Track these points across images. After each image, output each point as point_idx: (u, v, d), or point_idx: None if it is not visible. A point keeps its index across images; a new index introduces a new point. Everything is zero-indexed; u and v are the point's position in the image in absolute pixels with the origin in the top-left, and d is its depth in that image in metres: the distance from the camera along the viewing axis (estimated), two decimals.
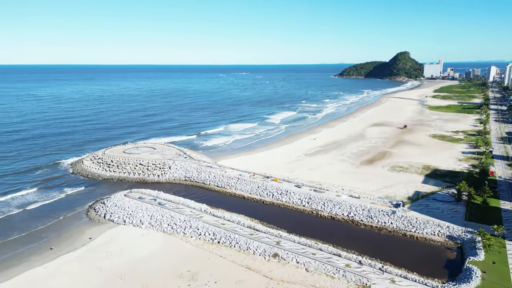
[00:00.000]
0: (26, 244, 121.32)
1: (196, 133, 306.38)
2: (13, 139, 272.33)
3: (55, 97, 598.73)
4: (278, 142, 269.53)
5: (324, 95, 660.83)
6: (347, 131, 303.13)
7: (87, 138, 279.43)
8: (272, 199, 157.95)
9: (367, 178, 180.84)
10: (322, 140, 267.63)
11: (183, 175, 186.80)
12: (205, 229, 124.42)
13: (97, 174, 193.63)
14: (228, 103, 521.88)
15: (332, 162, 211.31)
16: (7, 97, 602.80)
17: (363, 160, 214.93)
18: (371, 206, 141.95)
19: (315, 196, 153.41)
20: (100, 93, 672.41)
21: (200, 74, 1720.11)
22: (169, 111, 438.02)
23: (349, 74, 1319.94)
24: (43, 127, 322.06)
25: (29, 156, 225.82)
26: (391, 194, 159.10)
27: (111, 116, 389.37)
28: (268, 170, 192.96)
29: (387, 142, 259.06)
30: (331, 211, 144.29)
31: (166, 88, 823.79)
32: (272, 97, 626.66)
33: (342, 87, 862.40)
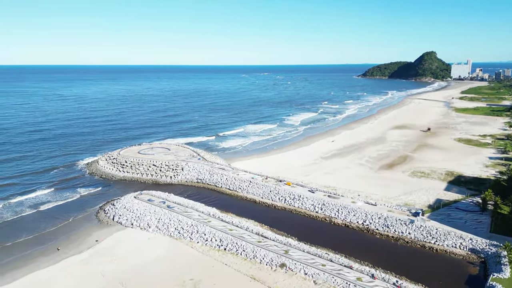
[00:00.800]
0: (34, 246, 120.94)
1: (214, 134, 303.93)
2: (34, 138, 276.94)
3: (79, 97, 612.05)
4: (295, 144, 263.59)
5: (346, 96, 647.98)
6: (367, 133, 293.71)
7: (106, 138, 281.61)
8: (284, 204, 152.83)
9: (385, 184, 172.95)
10: (340, 143, 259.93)
11: (195, 177, 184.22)
12: (212, 235, 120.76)
13: (110, 175, 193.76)
14: (248, 104, 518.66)
15: (350, 166, 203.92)
16: (34, 96, 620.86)
17: (382, 164, 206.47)
18: (388, 214, 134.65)
19: (329, 202, 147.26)
20: (123, 93, 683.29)
21: (221, 74, 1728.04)
22: (189, 111, 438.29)
23: (373, 74, 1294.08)
24: (65, 127, 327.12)
25: (48, 156, 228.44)
26: (410, 201, 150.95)
27: (131, 117, 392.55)
28: (282, 173, 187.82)
29: (408, 146, 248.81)
30: (345, 219, 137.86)
31: (187, 88, 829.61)
32: (292, 97, 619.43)
33: (365, 87, 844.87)
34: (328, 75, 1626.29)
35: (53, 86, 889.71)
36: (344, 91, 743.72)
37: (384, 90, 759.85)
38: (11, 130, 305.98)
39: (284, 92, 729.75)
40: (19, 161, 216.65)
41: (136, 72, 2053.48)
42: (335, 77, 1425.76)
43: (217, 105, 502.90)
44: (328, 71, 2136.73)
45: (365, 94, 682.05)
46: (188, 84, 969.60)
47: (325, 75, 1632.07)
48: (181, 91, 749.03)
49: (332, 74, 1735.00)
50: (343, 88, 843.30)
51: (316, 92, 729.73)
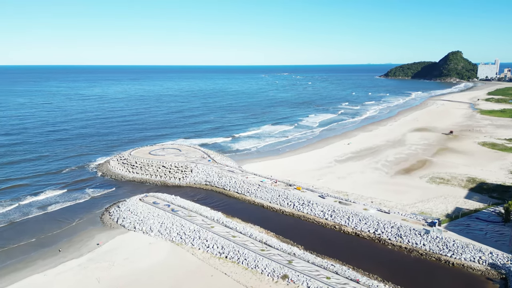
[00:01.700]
0: (36, 248, 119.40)
1: (229, 135, 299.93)
2: (52, 139, 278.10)
3: (100, 96, 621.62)
4: (309, 146, 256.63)
5: (367, 97, 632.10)
6: (385, 136, 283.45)
7: (121, 139, 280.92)
8: (292, 210, 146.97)
9: (401, 190, 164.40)
10: (357, 146, 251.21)
11: (203, 179, 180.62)
12: (214, 241, 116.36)
13: (120, 175, 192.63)
14: (266, 105, 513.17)
15: (364, 170, 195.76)
16: (57, 96, 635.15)
17: (399, 169, 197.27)
18: (402, 223, 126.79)
19: (340, 208, 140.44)
20: (142, 93, 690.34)
21: (241, 74, 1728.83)
22: (206, 112, 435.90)
23: (395, 74, 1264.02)
24: (82, 127, 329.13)
25: (63, 157, 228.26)
26: (426, 210, 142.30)
27: (148, 117, 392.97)
28: (293, 177, 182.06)
29: (428, 150, 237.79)
30: (356, 227, 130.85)
31: (206, 88, 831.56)
32: (311, 98, 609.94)
33: (387, 88, 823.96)
34: (349, 75, 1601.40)
35: (77, 85, 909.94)
36: (365, 92, 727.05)
37: (406, 91, 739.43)
38: (31, 130, 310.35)
39: (303, 93, 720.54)
40: (35, 161, 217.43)
41: (157, 72, 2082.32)
42: (356, 77, 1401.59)
43: (235, 106, 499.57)
44: (349, 71, 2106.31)
45: (387, 95, 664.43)
46: (207, 85, 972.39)
47: (346, 75, 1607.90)
48: (199, 91, 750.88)
49: (353, 74, 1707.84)
50: (364, 88, 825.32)
51: (336, 93, 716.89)
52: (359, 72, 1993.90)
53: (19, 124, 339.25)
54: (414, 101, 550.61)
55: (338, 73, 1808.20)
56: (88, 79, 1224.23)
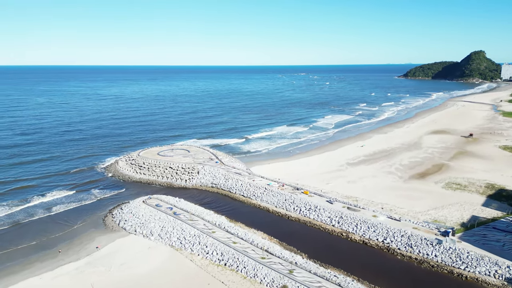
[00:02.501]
0: (37, 250, 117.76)
1: (241, 136, 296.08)
2: (65, 139, 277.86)
3: (117, 96, 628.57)
4: (321, 148, 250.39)
5: (385, 97, 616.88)
6: (400, 138, 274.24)
7: (134, 140, 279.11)
8: (298, 215, 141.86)
9: (414, 196, 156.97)
10: (370, 148, 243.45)
11: (210, 181, 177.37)
12: (213, 247, 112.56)
13: (127, 176, 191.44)
14: (280, 105, 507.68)
15: (377, 174, 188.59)
16: (76, 95, 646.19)
17: (414, 173, 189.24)
18: (413, 232, 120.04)
19: (348, 215, 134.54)
20: (158, 93, 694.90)
21: (258, 75, 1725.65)
22: (220, 113, 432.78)
23: (415, 75, 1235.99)
24: (97, 127, 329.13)
25: (73, 157, 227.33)
26: (440, 217, 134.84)
27: (162, 118, 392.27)
28: (301, 180, 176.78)
29: (446, 153, 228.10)
30: (364, 235, 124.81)
31: (221, 89, 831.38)
32: (328, 99, 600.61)
33: (406, 89, 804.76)
34: (368, 75, 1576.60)
35: (96, 85, 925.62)
36: (384, 93, 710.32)
37: (426, 91, 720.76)
38: (46, 130, 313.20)
39: (320, 93, 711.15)
40: (46, 161, 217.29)
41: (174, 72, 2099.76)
42: (375, 77, 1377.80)
43: (249, 107, 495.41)
44: (367, 71, 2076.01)
45: (406, 95, 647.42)
46: (223, 85, 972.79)
47: (365, 75, 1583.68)
48: (215, 91, 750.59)
49: (371, 74, 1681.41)
50: (383, 89, 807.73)
51: (354, 93, 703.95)
52: (378, 72, 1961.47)
53: (36, 123, 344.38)
54: (434, 102, 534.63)
55: (357, 73, 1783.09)
56: (107, 79, 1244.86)
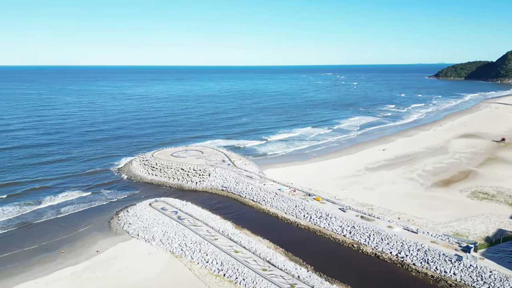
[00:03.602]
0: (40, 253, 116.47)
1: (259, 138, 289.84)
2: (86, 139, 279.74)
3: (142, 96, 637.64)
4: (340, 151, 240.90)
5: (415, 99, 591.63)
6: (426, 142, 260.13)
7: (152, 141, 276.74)
8: (308, 223, 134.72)
9: (435, 205, 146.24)
10: (392, 152, 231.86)
11: (220, 185, 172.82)
12: (214, 256, 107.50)
13: (139, 177, 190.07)
14: (304, 106, 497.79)
15: (397, 180, 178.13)
16: (103, 95, 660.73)
17: (437, 180, 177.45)
18: (430, 246, 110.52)
19: (361, 224, 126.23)
20: (183, 93, 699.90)
21: (283, 75, 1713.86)
22: (241, 114, 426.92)
23: (446, 75, 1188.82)
24: (118, 127, 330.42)
25: (90, 158, 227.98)
26: (462, 230, 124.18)
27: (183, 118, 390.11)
28: (315, 185, 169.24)
29: (474, 159, 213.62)
30: (376, 247, 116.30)
31: (245, 89, 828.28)
32: (354, 100, 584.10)
33: (438, 89, 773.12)
34: (397, 75, 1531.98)
35: (123, 85, 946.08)
36: (414, 94, 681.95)
37: (459, 92, 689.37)
38: (69, 130, 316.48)
39: (346, 94, 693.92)
40: (63, 162, 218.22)
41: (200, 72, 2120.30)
42: (405, 77, 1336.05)
43: (271, 108, 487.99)
44: (397, 71, 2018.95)
45: (439, 96, 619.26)
46: (247, 85, 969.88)
47: (394, 75, 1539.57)
48: (238, 92, 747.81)
49: (401, 74, 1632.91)
50: (413, 90, 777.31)
51: (382, 94, 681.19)
52: (408, 72, 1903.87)
53: (60, 123, 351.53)
54: (466, 104, 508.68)
55: (386, 74, 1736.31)
56: (134, 79, 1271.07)
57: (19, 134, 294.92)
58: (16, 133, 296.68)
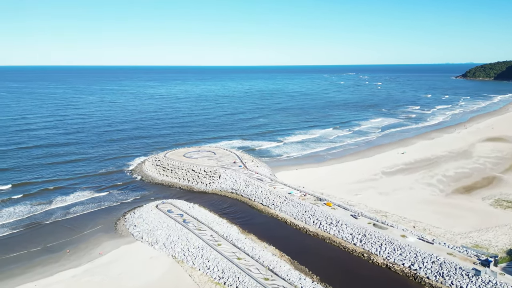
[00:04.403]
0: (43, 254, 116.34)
1: (275, 140, 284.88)
2: (103, 139, 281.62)
3: (162, 96, 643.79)
4: (357, 154, 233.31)
5: (441, 100, 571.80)
6: (448, 145, 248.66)
7: (168, 141, 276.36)
8: (317, 229, 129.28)
9: (454, 214, 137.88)
10: (412, 155, 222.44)
11: (230, 187, 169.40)
12: (215, 263, 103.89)
13: (151, 177, 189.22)
14: (324, 107, 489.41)
15: (414, 186, 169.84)
16: (125, 94, 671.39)
17: (458, 186, 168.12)
18: (447, 259, 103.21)
19: (373, 233, 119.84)
20: (203, 93, 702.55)
21: (305, 74, 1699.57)
22: (259, 114, 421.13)
23: (474, 75, 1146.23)
24: (136, 127, 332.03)
25: (105, 158, 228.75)
26: (483, 242, 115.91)
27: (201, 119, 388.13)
28: (328, 189, 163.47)
29: (500, 164, 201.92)
30: (388, 258, 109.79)
31: (265, 89, 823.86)
32: (376, 101, 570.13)
33: (466, 90, 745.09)
34: (423, 75, 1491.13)
35: (145, 84, 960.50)
36: (439, 95, 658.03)
37: (488, 93, 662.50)
38: (87, 129, 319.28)
39: (368, 95, 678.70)
40: (78, 162, 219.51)
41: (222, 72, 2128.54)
42: (431, 78, 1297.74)
43: (291, 108, 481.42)
44: (423, 71, 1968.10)
45: (466, 97, 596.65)
46: (268, 85, 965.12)
47: (420, 75, 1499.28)
48: (258, 92, 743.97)
49: (427, 74, 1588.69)
50: (439, 90, 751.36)
51: (406, 95, 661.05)
52: (434, 72, 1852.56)
53: (80, 122, 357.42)
54: (496, 106, 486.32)
55: (411, 74, 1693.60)
56: (156, 79, 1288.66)
57: (39, 133, 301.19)
58: (37, 132, 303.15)
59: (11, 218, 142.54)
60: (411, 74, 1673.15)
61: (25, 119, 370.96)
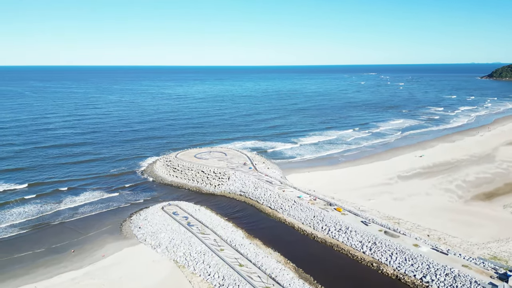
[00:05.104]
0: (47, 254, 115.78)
1: (289, 141, 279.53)
2: (118, 140, 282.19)
3: (180, 96, 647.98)
4: (372, 157, 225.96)
5: (465, 101, 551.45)
6: (470, 148, 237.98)
7: (182, 141, 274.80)
8: (325, 236, 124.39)
9: (473, 222, 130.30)
10: (430, 159, 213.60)
11: (239, 189, 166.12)
12: (216, 269, 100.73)
13: (161, 178, 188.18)
14: (341, 107, 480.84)
15: (431, 191, 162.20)
16: (144, 94, 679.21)
17: (479, 192, 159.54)
18: (461, 271, 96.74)
19: (384, 241, 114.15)
20: (220, 93, 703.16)
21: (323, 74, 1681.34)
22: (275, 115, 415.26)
23: (501, 75, 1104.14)
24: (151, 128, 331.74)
25: (118, 158, 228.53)
26: (502, 254, 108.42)
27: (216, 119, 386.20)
28: (339, 193, 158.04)
29: None
30: (399, 268, 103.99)
31: (283, 89, 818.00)
32: (396, 101, 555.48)
33: (492, 91, 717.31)
34: (446, 75, 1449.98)
35: (165, 84, 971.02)
36: (464, 95, 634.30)
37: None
38: (104, 129, 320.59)
39: (389, 95, 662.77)
40: (91, 162, 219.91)
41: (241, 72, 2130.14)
42: (455, 78, 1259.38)
43: (308, 109, 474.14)
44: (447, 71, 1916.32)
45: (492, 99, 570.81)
46: (286, 85, 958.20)
47: (443, 75, 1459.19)
48: (275, 92, 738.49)
49: (451, 74, 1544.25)
50: (463, 91, 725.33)
51: (429, 96, 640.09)
52: (458, 72, 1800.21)
53: (97, 122, 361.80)
54: None
55: (435, 74, 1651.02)
56: (175, 79, 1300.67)
57: (57, 132, 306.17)
58: (54, 132, 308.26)
59: (21, 218, 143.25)
60: (435, 74, 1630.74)
61: (45, 118, 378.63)
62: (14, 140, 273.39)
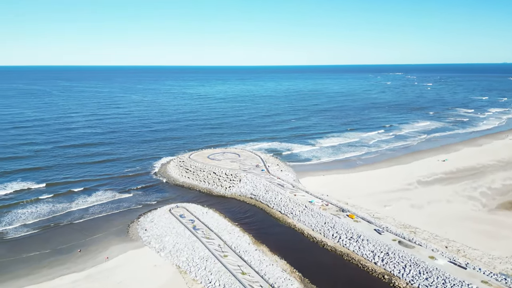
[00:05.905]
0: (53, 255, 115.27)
1: (306, 143, 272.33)
2: (135, 140, 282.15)
3: (200, 96, 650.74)
4: (391, 160, 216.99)
5: (496, 102, 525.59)
6: (498, 153, 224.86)
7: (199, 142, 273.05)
8: (335, 244, 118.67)
9: (497, 234, 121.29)
10: (454, 163, 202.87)
11: (249, 192, 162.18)
12: (217, 277, 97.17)
13: (173, 179, 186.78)
14: (364, 108, 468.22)
15: (453, 198, 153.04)
16: (166, 94, 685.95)
17: (505, 201, 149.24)
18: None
19: (397, 251, 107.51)
20: (241, 93, 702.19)
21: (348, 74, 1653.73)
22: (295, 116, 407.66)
23: None
24: (170, 128, 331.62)
25: (134, 159, 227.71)
26: None
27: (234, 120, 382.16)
28: (353, 199, 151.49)
29: None
30: (412, 282, 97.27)
31: (304, 89, 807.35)
32: (420, 102, 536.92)
33: None
34: (477, 76, 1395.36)
35: (187, 84, 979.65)
36: (496, 97, 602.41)
37: None
38: (123, 129, 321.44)
39: (414, 96, 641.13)
40: (107, 163, 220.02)
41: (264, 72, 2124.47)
42: (486, 78, 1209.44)
43: (329, 110, 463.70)
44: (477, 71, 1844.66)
45: None
46: (308, 85, 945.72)
47: (473, 75, 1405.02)
48: (297, 92, 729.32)
49: (481, 74, 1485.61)
50: (497, 92, 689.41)
51: (456, 97, 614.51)
52: (489, 72, 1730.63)
53: (118, 122, 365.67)
54: None
55: (465, 74, 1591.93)
56: (198, 78, 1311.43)
57: (78, 132, 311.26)
58: (75, 131, 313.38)
59: (33, 218, 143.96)
60: (465, 74, 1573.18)
61: (68, 117, 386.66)
62: (36, 139, 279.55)
